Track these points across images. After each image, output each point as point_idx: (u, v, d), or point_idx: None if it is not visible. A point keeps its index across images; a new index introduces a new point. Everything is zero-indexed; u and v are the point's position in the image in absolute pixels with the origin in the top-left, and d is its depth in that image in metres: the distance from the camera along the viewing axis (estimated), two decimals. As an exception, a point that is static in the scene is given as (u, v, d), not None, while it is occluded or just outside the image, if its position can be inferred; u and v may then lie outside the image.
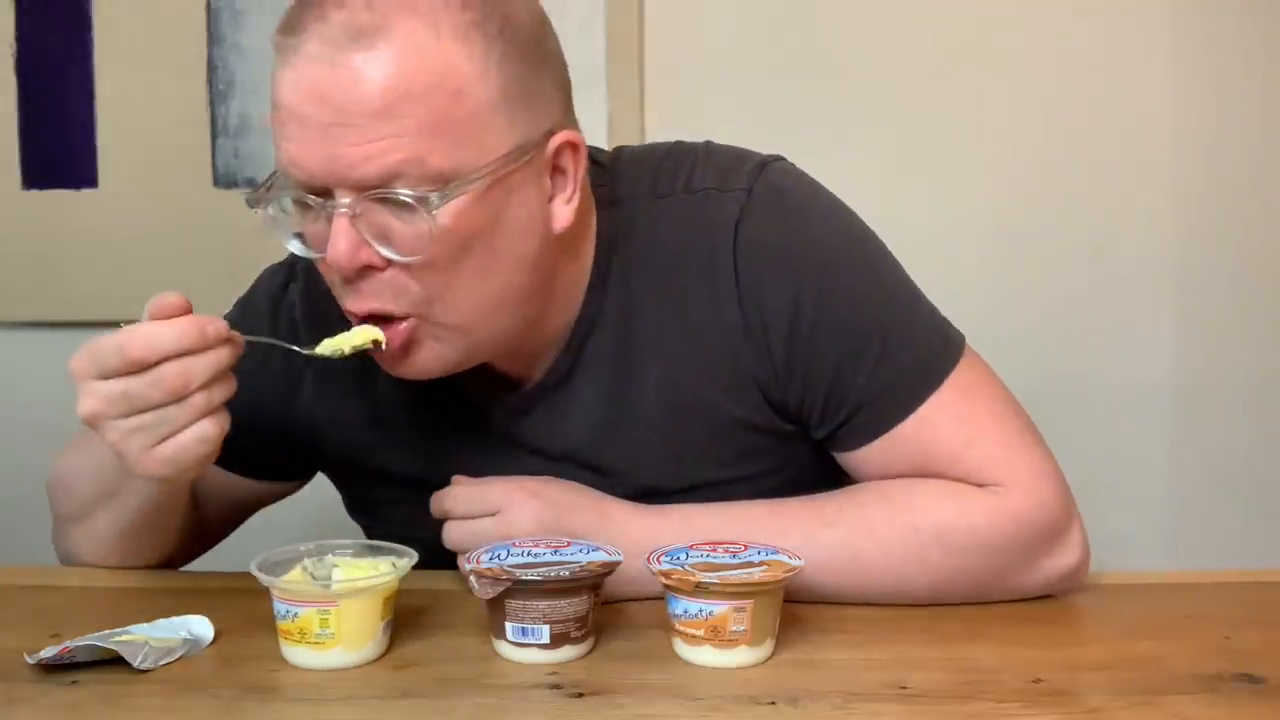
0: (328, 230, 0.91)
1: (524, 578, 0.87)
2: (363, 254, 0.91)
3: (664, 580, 0.89)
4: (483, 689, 0.85)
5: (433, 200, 0.89)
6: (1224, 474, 1.91)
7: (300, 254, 0.96)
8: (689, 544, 0.94)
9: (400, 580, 0.91)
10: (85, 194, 1.93)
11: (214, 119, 1.90)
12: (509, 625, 0.89)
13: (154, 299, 0.89)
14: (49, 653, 0.88)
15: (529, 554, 0.92)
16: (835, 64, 1.87)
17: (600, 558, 0.91)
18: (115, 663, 0.88)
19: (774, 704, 0.82)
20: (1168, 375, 1.90)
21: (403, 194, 0.89)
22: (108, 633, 0.91)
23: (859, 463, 1.04)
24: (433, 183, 0.89)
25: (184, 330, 0.87)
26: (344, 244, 0.90)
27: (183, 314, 0.89)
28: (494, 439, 1.07)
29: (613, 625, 0.95)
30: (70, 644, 0.88)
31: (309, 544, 0.95)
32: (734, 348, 1.02)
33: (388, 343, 0.94)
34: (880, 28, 1.86)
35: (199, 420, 0.88)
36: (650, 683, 0.86)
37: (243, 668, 0.89)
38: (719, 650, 0.88)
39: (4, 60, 1.91)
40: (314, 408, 1.12)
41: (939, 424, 1.01)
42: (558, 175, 0.97)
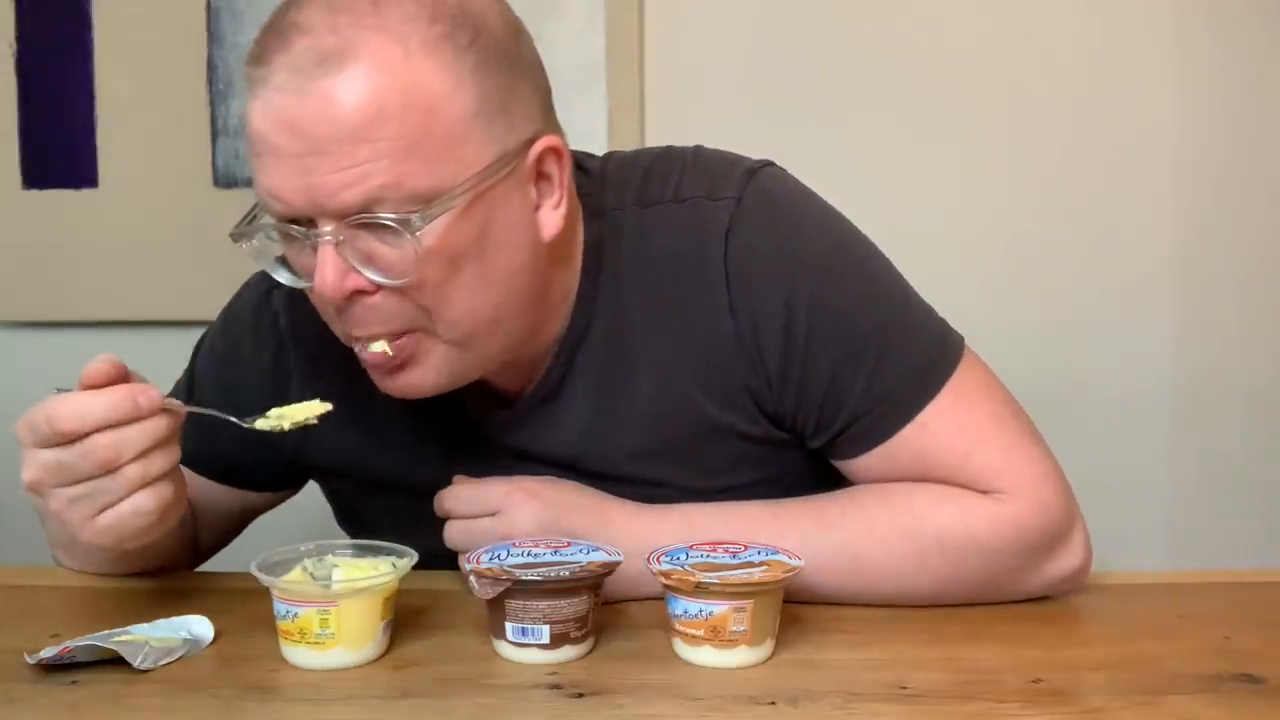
0: (314, 259, 0.89)
1: (524, 578, 0.87)
2: (350, 281, 0.90)
3: (664, 580, 0.89)
4: (483, 689, 0.85)
5: (415, 222, 0.87)
6: (1224, 474, 1.91)
7: (289, 284, 0.95)
8: (689, 544, 0.94)
9: (400, 580, 0.91)
10: (85, 194, 1.93)
11: (214, 119, 1.90)
12: (509, 625, 0.89)
13: (87, 366, 0.87)
14: (49, 653, 0.88)
15: (529, 554, 0.92)
16: (835, 64, 1.87)
17: (600, 558, 0.91)
18: (115, 663, 0.88)
19: (774, 704, 0.82)
20: (1168, 375, 1.90)
21: (384, 218, 0.87)
22: (108, 633, 0.91)
23: (857, 470, 1.03)
24: (414, 203, 0.87)
25: (114, 402, 0.85)
26: (330, 273, 0.89)
27: (117, 380, 0.87)
28: (486, 448, 1.06)
29: (613, 625, 0.95)
30: (70, 644, 0.88)
31: (309, 544, 0.95)
32: (726, 357, 1.01)
33: (391, 354, 0.93)
34: (881, 28, 1.86)
35: (135, 492, 0.86)
36: (650, 683, 0.86)
37: (243, 668, 0.89)
38: (719, 650, 0.88)
39: (4, 60, 1.92)
40: None
41: (939, 431, 1.00)
42: (543, 182, 0.95)
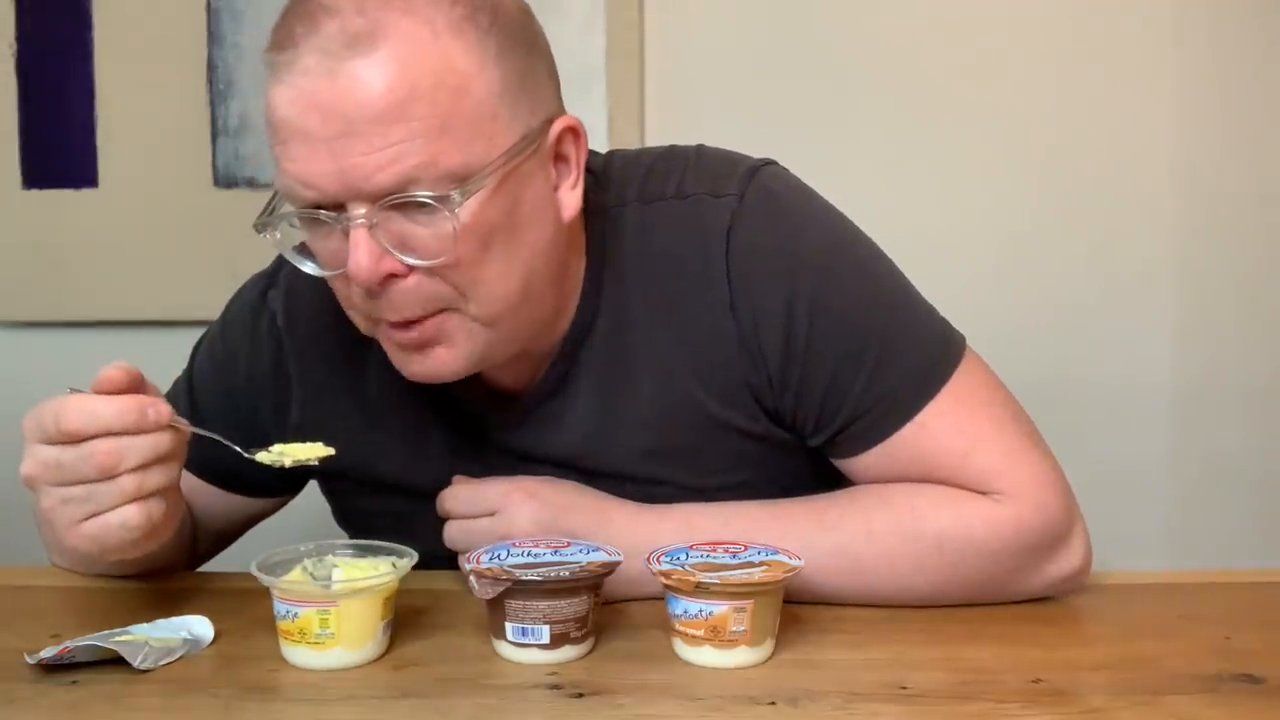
0: (343, 245, 0.89)
1: (524, 578, 0.87)
2: (385, 264, 0.89)
3: (664, 580, 0.89)
4: (483, 689, 0.85)
5: (454, 198, 0.87)
6: (1224, 474, 1.90)
7: (315, 274, 0.94)
8: (689, 544, 0.94)
9: (400, 580, 0.91)
10: (85, 194, 1.92)
11: (214, 119, 1.90)
12: (509, 625, 0.89)
13: (103, 370, 0.87)
14: (49, 653, 0.88)
15: (529, 554, 0.92)
16: (835, 64, 1.87)
17: (600, 558, 0.91)
18: (115, 663, 0.88)
19: (774, 704, 0.82)
20: (1168, 375, 1.90)
21: (422, 196, 0.87)
22: (108, 633, 0.91)
23: (857, 470, 1.03)
24: (448, 182, 0.87)
25: (124, 408, 0.85)
26: (365, 256, 0.88)
27: (130, 389, 0.87)
28: (487, 447, 1.06)
29: (613, 625, 0.95)
30: (70, 644, 0.88)
31: (309, 544, 0.95)
32: (727, 354, 1.01)
33: (414, 337, 0.93)
34: (881, 27, 1.86)
35: (126, 504, 0.86)
36: (650, 683, 0.86)
37: (243, 668, 0.89)
38: (719, 650, 0.88)
39: (4, 60, 1.91)
40: (304, 419, 1.10)
41: (938, 432, 1.00)
42: (560, 163, 0.96)
